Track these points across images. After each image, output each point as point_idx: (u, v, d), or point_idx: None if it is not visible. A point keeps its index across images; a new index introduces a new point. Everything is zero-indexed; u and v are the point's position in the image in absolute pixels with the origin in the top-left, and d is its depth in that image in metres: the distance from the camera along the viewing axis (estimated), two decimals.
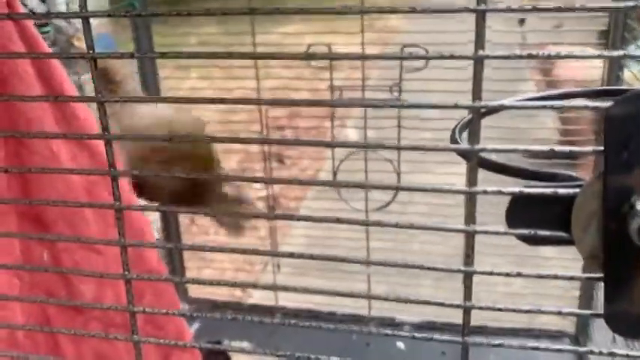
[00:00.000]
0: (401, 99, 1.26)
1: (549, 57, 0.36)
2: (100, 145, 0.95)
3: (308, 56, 0.41)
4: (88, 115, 0.95)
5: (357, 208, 1.42)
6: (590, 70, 1.62)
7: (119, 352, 0.94)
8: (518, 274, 0.38)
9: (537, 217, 0.38)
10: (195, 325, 1.51)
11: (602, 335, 1.30)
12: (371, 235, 1.50)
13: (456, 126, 0.48)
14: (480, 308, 0.39)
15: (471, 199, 0.37)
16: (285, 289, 0.47)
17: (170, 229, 1.75)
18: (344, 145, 0.48)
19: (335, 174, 1.42)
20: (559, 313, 0.39)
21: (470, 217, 0.38)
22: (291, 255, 0.46)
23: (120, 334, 0.98)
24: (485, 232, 0.38)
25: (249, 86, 1.63)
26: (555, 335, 1.40)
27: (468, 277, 0.39)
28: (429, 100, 0.39)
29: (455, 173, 1.42)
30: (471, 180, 0.37)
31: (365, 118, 1.33)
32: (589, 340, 1.37)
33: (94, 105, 0.43)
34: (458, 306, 0.40)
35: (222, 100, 0.41)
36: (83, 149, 0.94)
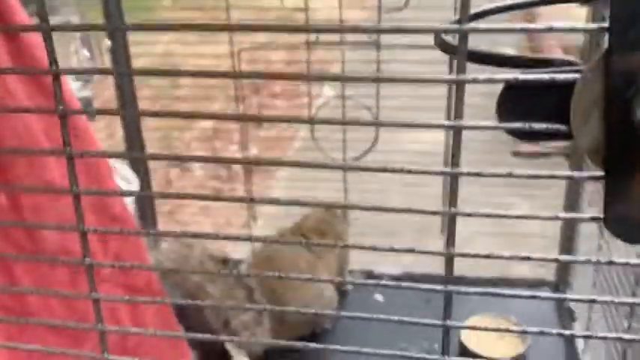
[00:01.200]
0: (379, 41, 1.21)
1: None
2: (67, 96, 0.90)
3: None
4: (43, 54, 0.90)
5: (335, 157, 1.39)
6: (575, 34, 1.58)
7: (88, 302, 0.89)
8: (510, 175, 0.34)
9: (532, 108, 0.34)
10: None
11: (581, 282, 1.30)
12: (349, 194, 1.47)
13: (440, 29, 0.44)
14: (466, 214, 0.36)
15: (458, 90, 0.33)
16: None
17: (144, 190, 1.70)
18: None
19: (312, 122, 1.38)
20: (546, 218, 0.36)
21: (458, 111, 0.34)
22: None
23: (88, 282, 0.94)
24: (472, 128, 0.34)
25: (223, 50, 1.56)
26: (535, 284, 1.39)
27: (454, 180, 0.35)
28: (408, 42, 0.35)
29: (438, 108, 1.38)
30: (460, 68, 0.33)
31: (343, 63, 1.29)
32: (569, 288, 1.37)
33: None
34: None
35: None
36: (40, 90, 0.89)
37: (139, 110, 0.99)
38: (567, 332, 0.47)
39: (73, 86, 1.07)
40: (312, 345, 0.45)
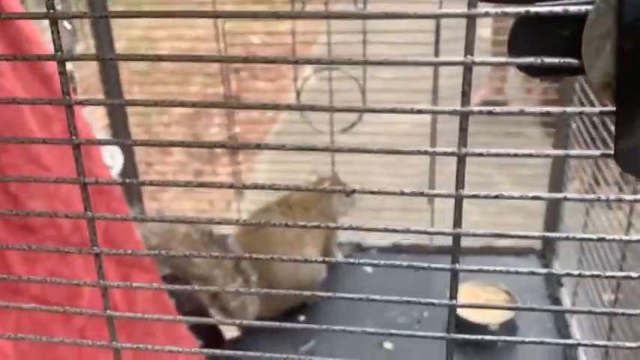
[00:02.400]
0: (366, 10, 1.20)
1: None
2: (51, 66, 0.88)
3: None
4: (36, 36, 0.88)
5: (321, 130, 1.38)
6: None
7: (76, 272, 0.89)
8: (522, 112, 0.34)
9: (544, 42, 0.34)
10: None
11: (567, 250, 1.31)
12: (336, 166, 1.46)
13: None
14: (477, 154, 0.36)
15: (469, 25, 0.33)
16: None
17: (127, 170, 1.68)
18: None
19: (299, 94, 1.37)
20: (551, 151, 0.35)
21: (469, 47, 0.33)
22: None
23: (78, 255, 0.93)
24: (484, 64, 0.34)
25: (207, 23, 1.54)
26: (522, 252, 1.41)
27: (464, 119, 0.35)
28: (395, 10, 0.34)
29: (423, 91, 1.38)
30: (471, 3, 0.33)
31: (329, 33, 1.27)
32: (555, 256, 1.39)
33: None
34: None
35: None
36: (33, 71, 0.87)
37: (116, 54, 0.97)
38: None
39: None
40: (316, 293, 0.44)
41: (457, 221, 0.39)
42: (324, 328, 0.45)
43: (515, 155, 0.36)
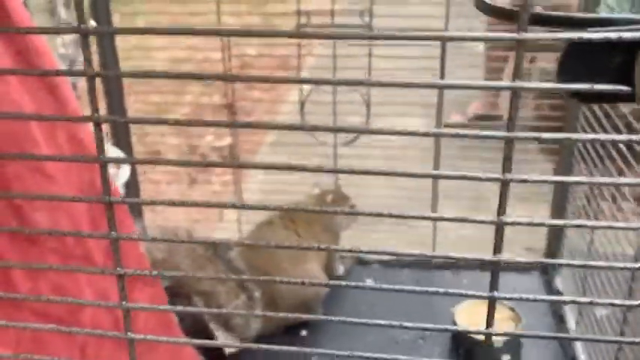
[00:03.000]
0: (372, 25, 1.20)
1: None
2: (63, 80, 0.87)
3: None
4: (44, 45, 0.86)
5: (324, 141, 1.37)
6: None
7: (80, 285, 0.87)
8: (568, 138, 0.33)
9: (594, 69, 0.33)
10: None
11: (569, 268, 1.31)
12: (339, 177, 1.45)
13: None
14: (521, 180, 0.35)
15: (518, 49, 0.32)
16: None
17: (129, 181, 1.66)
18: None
19: (302, 105, 1.36)
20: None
21: (517, 72, 0.33)
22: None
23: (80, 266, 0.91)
24: (531, 89, 0.33)
25: (209, 22, 1.53)
26: (525, 268, 1.40)
27: (509, 145, 0.34)
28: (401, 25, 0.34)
29: (425, 104, 1.38)
30: (521, 26, 0.32)
31: (334, 46, 1.27)
32: (557, 272, 1.38)
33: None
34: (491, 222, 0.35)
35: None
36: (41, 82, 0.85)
37: (120, 71, 0.96)
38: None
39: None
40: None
41: (497, 247, 0.38)
42: (355, 355, 0.44)
43: (560, 182, 0.35)
